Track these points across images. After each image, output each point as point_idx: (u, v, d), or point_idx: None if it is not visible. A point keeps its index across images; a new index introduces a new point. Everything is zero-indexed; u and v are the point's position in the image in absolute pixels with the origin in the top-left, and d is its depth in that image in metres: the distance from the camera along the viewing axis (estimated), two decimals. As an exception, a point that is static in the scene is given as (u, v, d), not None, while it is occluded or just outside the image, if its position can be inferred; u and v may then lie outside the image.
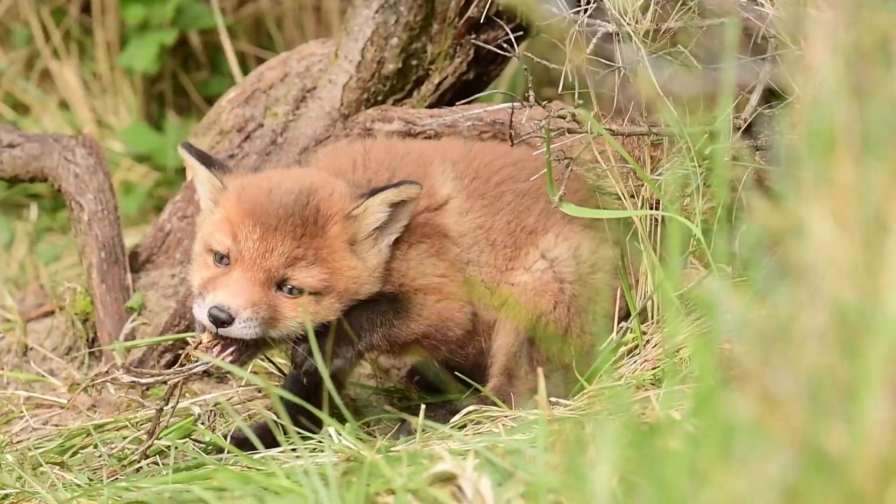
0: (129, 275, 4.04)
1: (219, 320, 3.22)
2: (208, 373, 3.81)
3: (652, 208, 3.52)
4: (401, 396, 3.81)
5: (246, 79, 4.20)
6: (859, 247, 1.98)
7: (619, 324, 3.52)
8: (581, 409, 3.30)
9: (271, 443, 3.22)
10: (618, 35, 3.43)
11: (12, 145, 4.14)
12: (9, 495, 3.25)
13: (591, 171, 3.57)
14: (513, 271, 3.51)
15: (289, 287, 3.28)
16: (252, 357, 3.34)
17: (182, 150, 3.48)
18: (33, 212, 5.10)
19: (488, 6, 3.90)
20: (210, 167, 3.43)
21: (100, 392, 3.86)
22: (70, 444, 3.61)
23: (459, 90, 4.03)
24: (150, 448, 3.42)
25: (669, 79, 3.38)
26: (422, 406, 3.20)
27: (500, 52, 3.80)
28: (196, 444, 3.50)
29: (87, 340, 4.03)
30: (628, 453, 2.22)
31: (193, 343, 3.30)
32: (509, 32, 3.71)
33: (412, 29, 3.98)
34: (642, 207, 3.53)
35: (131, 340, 3.91)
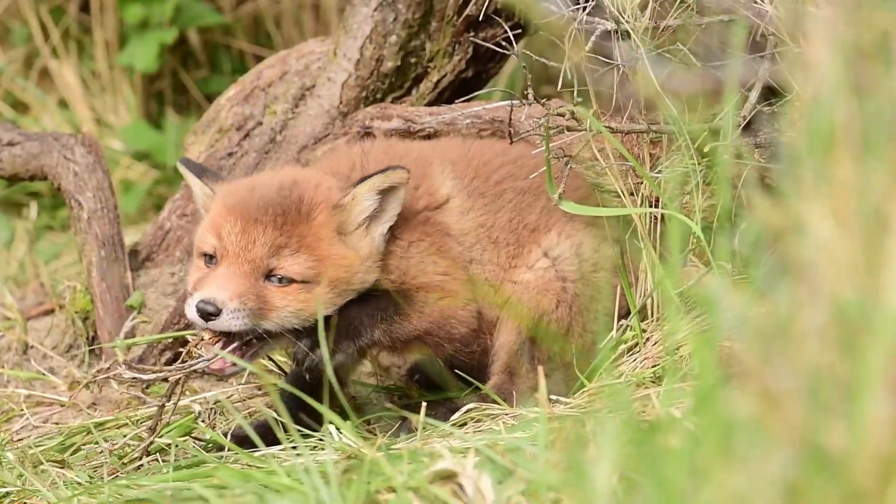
0: (128, 273, 4.04)
1: (206, 313, 3.23)
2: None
3: (651, 206, 3.52)
4: (401, 394, 3.82)
5: (245, 77, 4.20)
6: (859, 245, 1.99)
7: (619, 322, 3.53)
8: (581, 406, 3.30)
9: (272, 441, 3.22)
10: (617, 33, 3.43)
11: (12, 144, 4.14)
12: (9, 493, 3.25)
13: (590, 168, 3.57)
14: (515, 269, 3.52)
15: (277, 277, 3.29)
16: (255, 356, 3.34)
17: (180, 166, 3.55)
18: (33, 210, 5.10)
19: (487, 4, 3.90)
20: (201, 177, 3.47)
21: (101, 389, 3.86)
22: (70, 442, 3.61)
23: (458, 88, 4.03)
24: (151, 446, 3.43)
25: (668, 76, 3.38)
26: (422, 404, 3.20)
27: (498, 49, 3.80)
28: (196, 441, 3.51)
29: (87, 339, 4.03)
30: (628, 451, 2.22)
31: (194, 340, 3.30)
32: (508, 30, 3.71)
33: (411, 27, 3.98)
34: (642, 205, 3.53)
35: (131, 338, 3.91)
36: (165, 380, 3.33)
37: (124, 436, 3.57)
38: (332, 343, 3.31)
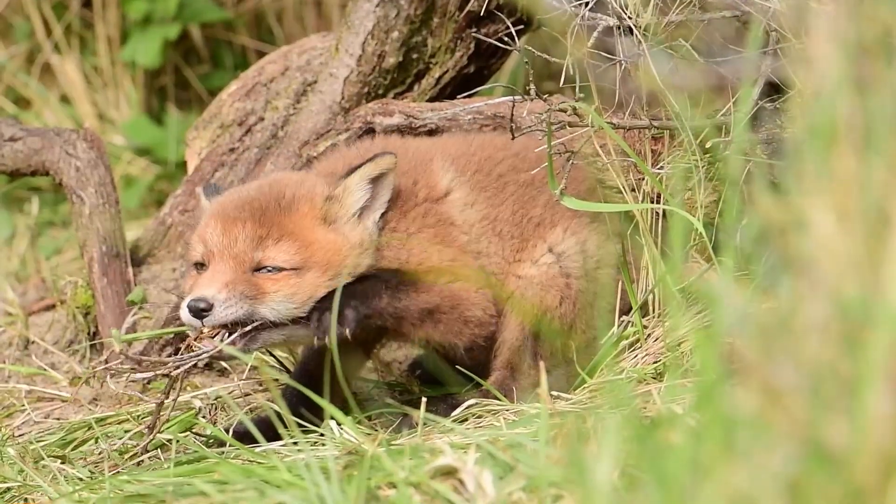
0: (130, 268, 4.04)
1: (197, 310, 3.26)
2: (210, 365, 3.82)
3: (653, 202, 3.52)
4: (402, 390, 3.81)
5: (247, 72, 4.20)
6: (861, 240, 1.98)
7: (620, 318, 3.52)
8: (583, 402, 3.30)
9: (273, 436, 3.22)
10: (619, 28, 3.43)
11: (14, 139, 4.14)
12: (11, 489, 3.25)
13: (592, 164, 3.57)
14: (520, 263, 3.51)
15: (267, 268, 3.32)
16: (254, 341, 3.32)
17: (199, 194, 3.62)
18: (34, 205, 5.09)
19: (489, 0, 3.90)
20: (206, 194, 3.54)
21: (101, 384, 3.86)
22: (72, 438, 3.61)
23: (460, 84, 4.03)
24: (152, 441, 3.42)
25: (671, 72, 3.38)
26: (423, 400, 3.20)
27: (500, 45, 3.80)
28: (197, 437, 3.51)
29: (89, 334, 4.03)
30: (630, 447, 2.22)
31: (194, 334, 3.30)
32: (510, 26, 3.71)
33: (413, 22, 3.98)
34: (643, 201, 3.53)
35: (132, 334, 3.91)
36: (166, 375, 3.33)
37: (125, 431, 3.56)
38: (337, 308, 3.29)
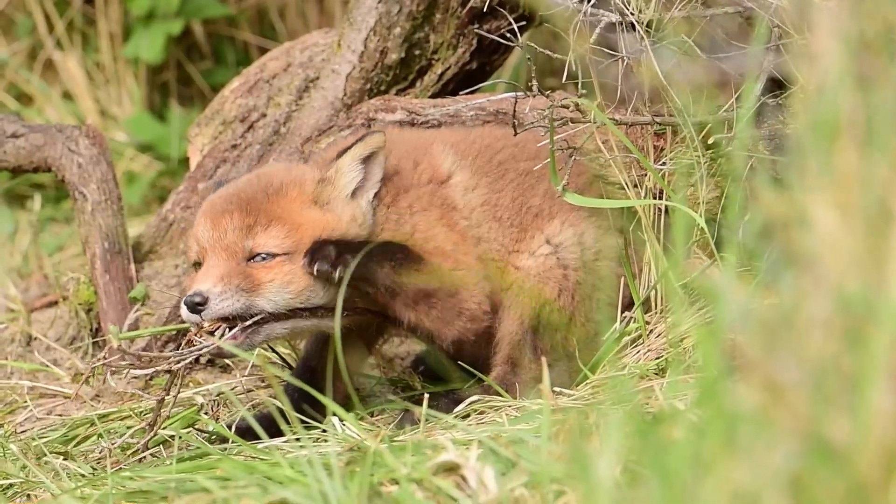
0: (132, 265, 4.04)
1: (193, 304, 3.28)
2: (212, 362, 3.82)
3: (656, 198, 3.52)
4: (404, 386, 3.81)
5: (249, 69, 4.20)
6: (863, 236, 1.98)
7: (622, 313, 3.52)
8: (585, 398, 3.30)
9: (275, 432, 3.22)
10: (621, 24, 3.43)
11: (16, 135, 4.14)
12: (13, 485, 3.26)
13: (594, 160, 3.57)
14: (519, 254, 3.51)
15: (260, 256, 3.33)
16: (255, 335, 3.32)
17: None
18: (37, 202, 5.10)
19: (491, -4, 3.90)
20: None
21: (103, 381, 3.86)
22: (74, 434, 3.61)
23: (462, 80, 4.03)
24: (154, 438, 3.43)
25: (673, 68, 3.37)
26: (425, 396, 3.20)
27: (503, 41, 3.79)
28: (200, 433, 3.51)
29: (91, 330, 4.03)
30: (632, 443, 2.22)
31: (194, 329, 3.30)
32: (512, 22, 3.70)
33: (415, 19, 3.97)
34: (646, 197, 3.52)
35: (135, 331, 3.91)
36: (168, 371, 3.33)
37: (128, 428, 3.56)
38: (335, 254, 3.30)
